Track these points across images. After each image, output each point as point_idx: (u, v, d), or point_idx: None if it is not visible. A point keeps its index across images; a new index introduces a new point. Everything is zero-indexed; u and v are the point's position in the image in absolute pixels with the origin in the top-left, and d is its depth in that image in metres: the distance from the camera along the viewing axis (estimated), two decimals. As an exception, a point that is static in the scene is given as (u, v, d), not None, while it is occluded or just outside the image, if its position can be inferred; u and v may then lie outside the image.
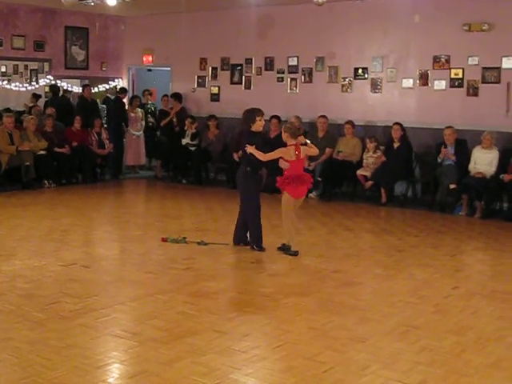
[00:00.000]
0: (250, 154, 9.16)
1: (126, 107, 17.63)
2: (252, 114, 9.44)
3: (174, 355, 5.60)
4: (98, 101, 18.06)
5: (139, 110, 17.77)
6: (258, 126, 9.40)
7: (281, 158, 9.24)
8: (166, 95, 17.82)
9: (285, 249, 9.33)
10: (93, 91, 17.78)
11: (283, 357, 5.66)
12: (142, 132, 17.74)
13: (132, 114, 17.49)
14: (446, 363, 5.59)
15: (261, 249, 9.39)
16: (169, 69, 18.49)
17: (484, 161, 12.89)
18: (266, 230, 9.83)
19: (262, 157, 9.14)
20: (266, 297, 7.36)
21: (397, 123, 13.97)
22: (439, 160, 13.25)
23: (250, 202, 9.49)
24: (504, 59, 13.53)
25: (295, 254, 9.17)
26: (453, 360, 5.67)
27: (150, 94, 18.69)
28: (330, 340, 6.06)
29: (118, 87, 18.64)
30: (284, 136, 9.37)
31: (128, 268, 8.61)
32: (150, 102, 18.53)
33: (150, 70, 19.86)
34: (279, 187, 9.45)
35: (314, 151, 9.64)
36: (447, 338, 6.19)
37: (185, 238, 9.88)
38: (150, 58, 18.82)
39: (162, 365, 5.42)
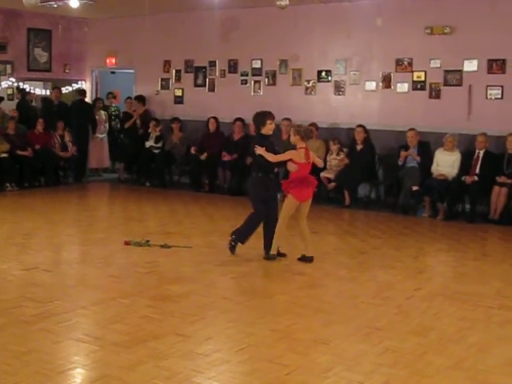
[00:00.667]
0: (260, 156, 8.96)
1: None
2: (263, 117, 9.26)
3: (136, 359, 5.56)
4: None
5: (102, 112, 17.70)
6: (269, 129, 9.21)
7: (290, 160, 9.06)
8: (129, 98, 17.75)
9: (269, 256, 9.16)
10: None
11: (246, 360, 5.65)
12: (105, 134, 17.67)
13: (95, 117, 17.40)
14: (408, 364, 5.61)
15: (241, 242, 9.36)
16: (132, 71, 18.40)
17: (446, 163, 12.99)
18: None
19: (271, 158, 8.95)
20: (229, 299, 7.36)
21: (360, 125, 14.05)
22: (400, 163, 13.32)
23: (258, 207, 9.27)
24: (466, 62, 13.67)
25: (273, 257, 9.09)
26: (415, 361, 5.70)
27: (114, 97, 18.61)
28: (293, 342, 6.06)
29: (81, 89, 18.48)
30: (294, 139, 9.15)
31: (90, 272, 8.53)
32: (113, 105, 18.46)
33: (113, 73, 19.74)
34: (284, 190, 9.29)
35: (320, 162, 9.56)
36: (409, 340, 6.22)
37: (148, 241, 9.84)
38: (114, 61, 18.70)
39: (124, 369, 5.37)
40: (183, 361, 5.57)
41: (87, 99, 18.10)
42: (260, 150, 8.94)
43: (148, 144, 16.58)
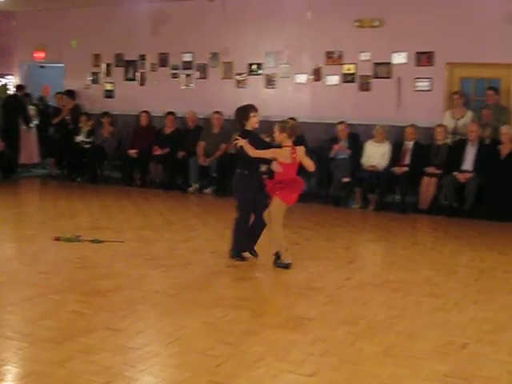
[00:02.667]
0: (242, 150, 8.37)
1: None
2: (245, 110, 8.80)
3: (66, 355, 5.50)
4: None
5: (31, 107, 17.44)
6: (253, 122, 8.72)
7: (275, 159, 8.39)
8: (59, 92, 17.54)
9: (278, 263, 8.53)
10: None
11: (176, 352, 5.64)
12: (34, 128, 17.40)
13: (28, 112, 17.16)
14: (338, 353, 5.67)
15: (242, 259, 8.77)
16: (62, 65, 18.16)
17: (376, 154, 13.15)
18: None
19: (252, 152, 8.29)
20: (160, 293, 7.32)
21: (291, 118, 14.06)
22: (332, 155, 13.43)
23: (242, 208, 8.79)
24: (394, 55, 13.86)
25: (287, 266, 8.42)
26: (345, 349, 5.76)
27: (44, 93, 18.37)
28: (224, 334, 6.07)
29: (14, 84, 18.18)
30: (280, 136, 8.44)
31: (20, 268, 8.40)
32: (41, 99, 18.21)
33: (42, 67, 19.46)
34: (269, 192, 8.53)
35: (311, 165, 8.62)
36: (340, 329, 6.27)
37: (78, 236, 9.74)
38: (43, 55, 18.44)
39: (54, 365, 5.31)
40: (114, 355, 5.53)
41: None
42: (242, 142, 8.38)
43: (79, 139, 16.40)
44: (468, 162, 12.50)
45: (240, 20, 15.32)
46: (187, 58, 16.17)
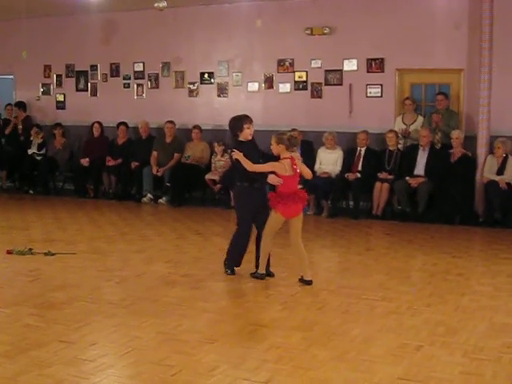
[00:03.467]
0: (238, 162, 8.12)
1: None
2: (239, 121, 8.45)
3: (18, 369, 5.43)
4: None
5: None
6: (247, 134, 8.37)
7: (273, 172, 8.12)
8: (9, 104, 17.38)
9: (257, 275, 8.38)
10: None
11: (131, 363, 5.60)
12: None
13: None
14: (292, 359, 5.67)
15: (232, 273, 8.53)
16: (12, 77, 17.98)
17: (329, 161, 13.24)
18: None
19: (249, 166, 8.04)
20: (113, 304, 7.26)
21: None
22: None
23: (242, 223, 8.46)
24: (345, 62, 14.01)
25: (262, 277, 8.30)
26: (299, 355, 5.77)
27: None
28: (179, 343, 6.04)
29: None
30: (277, 148, 8.17)
31: (-29, 282, 8.31)
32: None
33: (-8, 79, 19.26)
34: (272, 206, 8.23)
35: (309, 173, 8.57)
36: (294, 335, 6.28)
37: (31, 249, 9.62)
38: (-8, 67, 18.25)
39: (7, 379, 5.24)
40: (67, 367, 5.48)
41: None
42: (238, 155, 8.11)
43: (30, 151, 16.25)
44: (420, 166, 12.64)
45: (191, 29, 15.32)
46: (139, 67, 16.12)
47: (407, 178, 12.50)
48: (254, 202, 8.37)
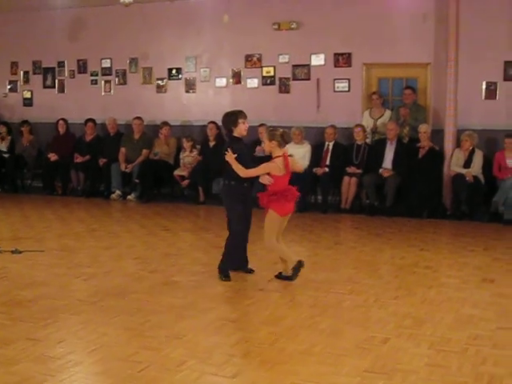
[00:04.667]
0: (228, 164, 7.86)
1: None
2: (234, 116, 8.13)
3: (-15, 367, 5.42)
4: None
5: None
6: (242, 129, 8.07)
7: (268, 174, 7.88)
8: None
9: (283, 276, 8.09)
10: None
11: (99, 360, 5.59)
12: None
13: None
14: (260, 353, 5.69)
15: (227, 278, 8.07)
16: (-22, 74, 17.84)
17: (297, 155, 13.10)
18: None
19: (242, 172, 7.80)
20: (81, 301, 7.23)
21: (212, 122, 14.13)
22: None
23: (237, 222, 8.15)
24: (313, 56, 14.05)
25: (293, 277, 7.90)
26: (267, 350, 5.79)
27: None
28: (147, 339, 6.04)
29: None
30: (270, 145, 7.91)
31: None
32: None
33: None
34: (263, 205, 8.03)
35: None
36: (262, 329, 6.31)
37: (-2, 247, 9.58)
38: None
39: (-27, 377, 5.24)
40: (34, 365, 5.46)
41: None
42: (229, 157, 7.81)
43: (-2, 149, 16.16)
44: (387, 160, 12.71)
45: (159, 25, 15.28)
46: (106, 63, 16.06)
47: (380, 169, 12.56)
48: (243, 201, 8.11)
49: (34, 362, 5.54)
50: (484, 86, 12.83)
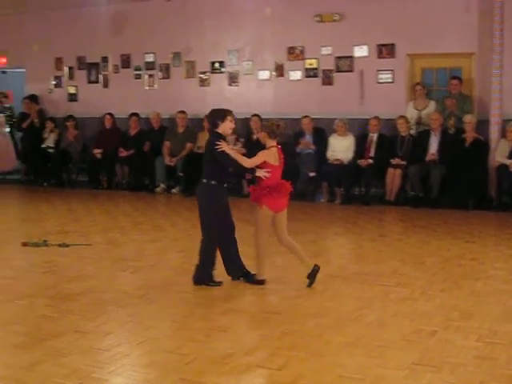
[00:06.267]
0: (219, 158, 7.44)
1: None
2: (222, 111, 7.71)
3: (34, 359, 5.48)
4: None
5: (0, 114, 17.33)
6: (227, 127, 7.62)
7: (264, 163, 7.53)
8: (27, 97, 17.38)
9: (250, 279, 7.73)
10: None
11: (146, 352, 5.64)
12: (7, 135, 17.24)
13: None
14: (306, 346, 5.69)
15: (216, 283, 7.65)
16: (24, 70, 18.03)
17: (341, 147, 13.21)
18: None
19: (246, 162, 7.50)
20: (128, 294, 7.30)
21: (255, 115, 14.14)
22: (298, 150, 13.50)
23: (213, 225, 7.66)
24: (356, 48, 13.97)
25: (262, 282, 7.61)
26: (313, 342, 5.79)
27: (6, 97, 18.20)
28: (193, 332, 6.07)
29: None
30: (263, 135, 7.70)
31: (-14, 275, 8.38)
32: (6, 105, 18.07)
33: (4, 72, 19.29)
34: (255, 201, 7.61)
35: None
36: (308, 322, 6.31)
37: (45, 241, 9.65)
38: (4, 60, 18.30)
39: (23, 369, 5.30)
40: (83, 357, 5.52)
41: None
42: (225, 146, 7.48)
43: (44, 145, 16.30)
44: (432, 151, 12.59)
45: (201, 18, 15.33)
46: (149, 58, 16.14)
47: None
48: (223, 201, 7.68)
49: (82, 354, 5.60)
50: (530, 76, 12.67)
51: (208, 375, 5.14)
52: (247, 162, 7.54)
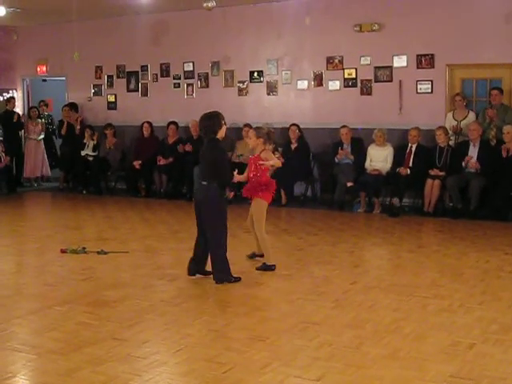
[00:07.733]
0: (221, 165, 8.01)
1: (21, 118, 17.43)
2: (217, 118, 7.99)
3: (73, 366, 5.52)
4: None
5: (39, 120, 17.54)
6: (224, 131, 8.04)
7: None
8: (66, 106, 17.55)
9: (265, 267, 8.61)
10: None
11: (183, 360, 5.65)
12: (41, 141, 17.52)
13: (31, 127, 17.29)
14: (344, 357, 5.67)
15: (235, 279, 8.08)
16: (64, 78, 18.22)
17: (379, 158, 13.17)
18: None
19: (279, 163, 9.17)
20: (165, 302, 7.33)
21: (294, 124, 14.17)
22: (337, 160, 13.48)
23: (221, 229, 8.04)
24: (395, 58, 13.89)
25: (273, 268, 8.57)
26: (351, 353, 5.76)
27: (46, 105, 18.40)
28: (230, 341, 6.08)
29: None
30: (256, 142, 8.68)
31: (26, 281, 8.46)
32: (46, 113, 18.26)
33: (44, 81, 19.50)
34: (251, 195, 8.73)
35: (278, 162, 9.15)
36: (346, 333, 6.28)
37: (84, 248, 9.75)
38: (45, 68, 18.50)
39: (62, 376, 5.34)
40: (120, 365, 5.55)
41: (18, 109, 17.93)
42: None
43: (84, 152, 16.44)
44: (471, 162, 12.48)
45: (240, 28, 15.37)
46: (188, 67, 16.21)
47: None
48: (226, 203, 8.18)
49: (119, 361, 5.63)
50: None
51: (245, 385, 5.15)
52: (277, 163, 8.96)
